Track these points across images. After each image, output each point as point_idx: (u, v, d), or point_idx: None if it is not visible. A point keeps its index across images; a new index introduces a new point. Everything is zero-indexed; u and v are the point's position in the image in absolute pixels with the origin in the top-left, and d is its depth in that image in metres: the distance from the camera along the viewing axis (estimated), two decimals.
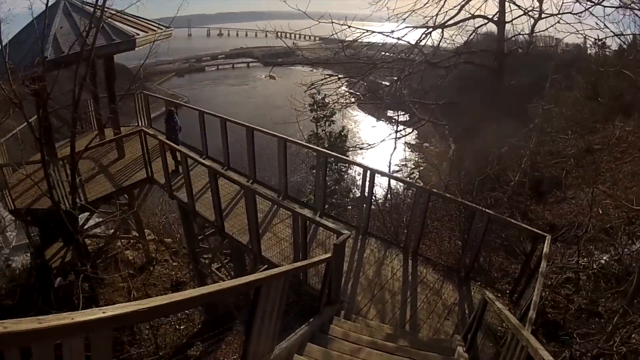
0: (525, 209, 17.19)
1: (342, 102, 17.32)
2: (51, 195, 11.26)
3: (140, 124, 18.36)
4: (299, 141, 11.99)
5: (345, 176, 22.02)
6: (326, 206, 12.79)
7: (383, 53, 17.30)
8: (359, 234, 11.24)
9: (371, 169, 10.76)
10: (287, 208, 8.73)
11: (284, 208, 8.97)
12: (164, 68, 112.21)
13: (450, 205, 15.35)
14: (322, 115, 21.73)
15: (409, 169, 35.79)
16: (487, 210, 9.50)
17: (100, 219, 15.89)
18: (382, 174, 11.55)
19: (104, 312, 2.34)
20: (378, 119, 49.44)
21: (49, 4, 12.18)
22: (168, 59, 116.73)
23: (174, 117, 14.20)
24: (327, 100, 19.15)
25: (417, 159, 44.36)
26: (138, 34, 13.54)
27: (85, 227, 14.20)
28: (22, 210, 12.52)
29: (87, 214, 14.11)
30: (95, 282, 14.01)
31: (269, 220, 11.02)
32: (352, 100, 18.43)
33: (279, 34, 17.07)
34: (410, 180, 11.39)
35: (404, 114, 28.86)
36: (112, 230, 16.75)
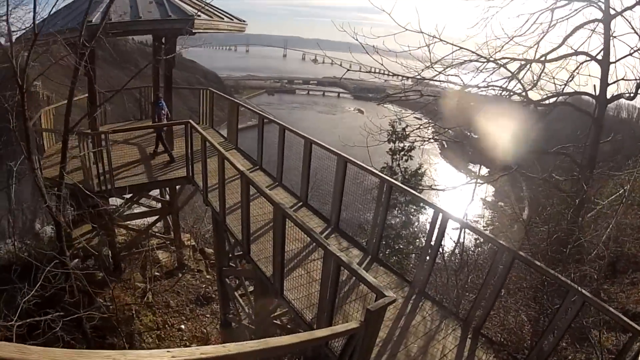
0: (597, 287, 13.90)
1: (424, 137, 14.90)
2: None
3: (202, 123, 16.93)
4: (361, 163, 9.65)
5: (415, 221, 19.34)
6: (385, 251, 10.37)
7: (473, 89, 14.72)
8: (413, 292, 8.64)
9: (444, 212, 8.15)
10: (319, 242, 6.33)
11: (315, 242, 6.55)
12: (255, 84, 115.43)
13: (526, 273, 12.41)
14: (399, 148, 19.37)
15: (481, 226, 32.38)
16: (584, 291, 6.87)
17: (139, 211, 14.95)
18: (458, 221, 8.77)
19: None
20: (458, 170, 46.50)
21: None
22: (260, 75, 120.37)
23: (160, 101, 13.50)
24: (407, 132, 17.12)
25: (490, 217, 40.83)
26: (199, 16, 11.94)
27: (117, 214, 13.20)
28: (57, 181, 11.23)
29: (121, 201, 13.57)
30: (108, 273, 12.78)
31: (306, 254, 8.86)
32: (435, 137, 15.93)
33: (372, 69, 15.23)
34: (493, 236, 8.56)
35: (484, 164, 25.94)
36: (146, 226, 15.09)
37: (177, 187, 14.08)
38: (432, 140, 15.39)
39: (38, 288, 8.41)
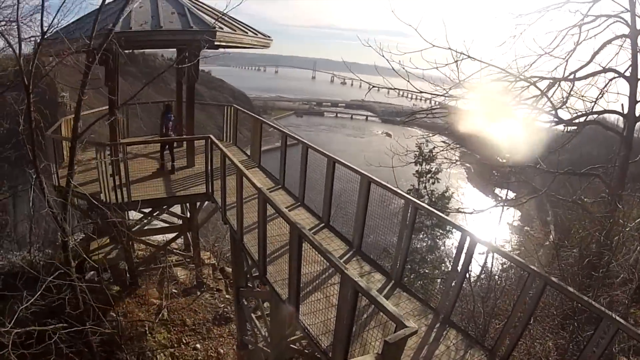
0: (624, 312, 12.94)
1: (451, 159, 14.39)
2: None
3: (226, 140, 16.75)
4: (385, 183, 9.17)
5: (441, 245, 18.57)
6: (410, 276, 9.80)
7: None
8: (437, 319, 8.00)
9: (472, 235, 7.53)
10: (336, 266, 5.84)
11: (332, 265, 6.05)
12: (284, 105, 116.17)
13: (554, 299, 11.62)
14: (426, 170, 18.82)
15: (508, 251, 31.19)
16: (618, 318, 6.25)
17: (158, 227, 14.85)
18: (486, 244, 8.10)
19: None
20: (485, 194, 45.47)
21: None
22: (289, 96, 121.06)
23: (169, 112, 13.57)
24: (434, 153, 16.64)
25: (517, 241, 39.53)
26: (222, 28, 11.72)
27: (136, 228, 13.22)
28: (64, 189, 10.99)
29: (140, 215, 13.36)
30: (124, 288, 12.99)
31: (325, 278, 8.25)
32: (461, 161, 15.43)
33: (400, 92, 14.86)
34: (523, 261, 7.85)
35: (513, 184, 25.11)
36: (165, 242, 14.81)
37: (198, 203, 13.72)
38: (458, 163, 14.91)
39: (39, 297, 8.08)
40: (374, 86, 9.64)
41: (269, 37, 13.88)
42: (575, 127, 12.91)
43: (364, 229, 9.76)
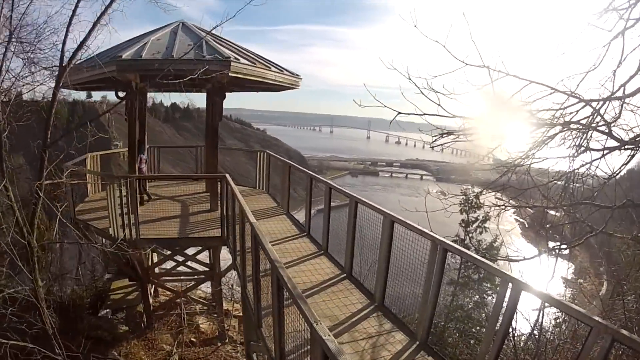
0: None
1: (500, 205, 12.47)
2: None
3: (258, 188, 15.74)
4: (410, 222, 7.61)
5: (490, 303, 15.99)
6: (445, 334, 7.99)
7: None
8: None
9: (516, 281, 5.46)
10: (306, 318, 4.25)
11: (303, 316, 4.43)
12: (339, 165, 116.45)
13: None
14: (473, 219, 16.78)
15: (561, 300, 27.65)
16: None
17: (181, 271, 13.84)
18: (538, 294, 5.82)
19: None
20: (540, 251, 41.75)
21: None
22: (344, 156, 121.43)
23: (142, 147, 13.26)
24: (481, 200, 14.86)
25: (570, 295, 35.58)
26: (238, 59, 10.94)
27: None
28: (80, 223, 10.99)
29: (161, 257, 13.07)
30: (135, 329, 12.30)
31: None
32: (512, 203, 13.48)
33: (453, 150, 13.51)
34: (585, 311, 5.72)
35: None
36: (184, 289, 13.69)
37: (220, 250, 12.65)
38: (508, 208, 12.91)
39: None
40: (399, 113, 8.17)
41: (297, 75, 12.99)
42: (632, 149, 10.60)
43: (386, 280, 8.09)
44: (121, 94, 11.53)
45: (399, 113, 8.81)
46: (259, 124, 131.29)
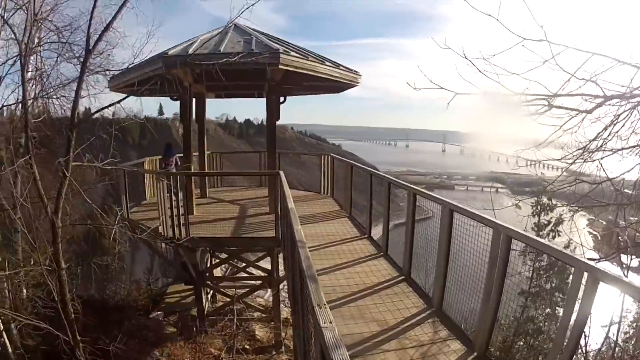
0: None
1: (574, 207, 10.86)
2: None
3: (323, 192, 15.11)
4: (472, 210, 6.57)
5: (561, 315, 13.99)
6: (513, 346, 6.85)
7: None
8: None
9: (598, 271, 4.29)
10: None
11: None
12: (415, 179, 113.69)
13: None
14: (545, 222, 14.98)
15: None
16: None
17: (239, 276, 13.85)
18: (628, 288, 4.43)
19: None
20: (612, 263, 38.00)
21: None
22: (420, 170, 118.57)
23: (170, 150, 13.02)
24: (554, 202, 13.23)
25: None
26: (287, 52, 10.32)
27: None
28: (133, 222, 10.76)
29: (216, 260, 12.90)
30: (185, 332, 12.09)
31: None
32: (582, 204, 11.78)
33: (528, 162, 12.64)
34: None
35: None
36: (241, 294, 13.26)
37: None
38: (581, 210, 11.29)
39: None
40: (457, 94, 7.12)
41: (355, 71, 12.20)
42: None
43: (445, 281, 6.99)
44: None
45: (457, 94, 7.75)
46: (334, 139, 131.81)
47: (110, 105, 7.82)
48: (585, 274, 4.10)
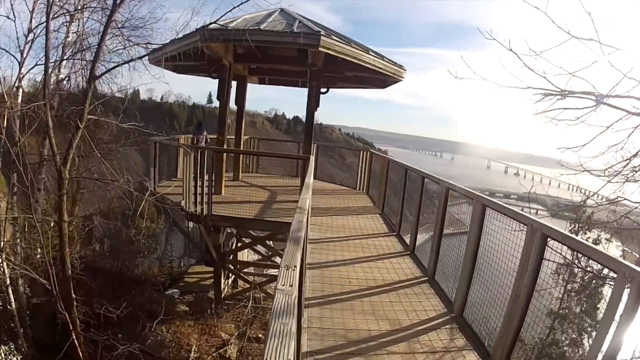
0: None
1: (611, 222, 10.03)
2: None
3: (358, 189, 14.76)
4: (505, 205, 5.96)
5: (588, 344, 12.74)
6: None
7: None
8: None
9: None
10: None
11: None
12: (457, 192, 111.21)
13: None
14: (584, 240, 14.01)
15: None
16: None
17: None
18: None
19: None
20: None
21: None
22: (463, 184, 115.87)
23: (201, 126, 13.36)
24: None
25: None
26: (330, 36, 9.90)
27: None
28: (158, 197, 10.42)
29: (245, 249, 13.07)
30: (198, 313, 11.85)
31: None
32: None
33: (570, 186, 12.25)
34: None
35: None
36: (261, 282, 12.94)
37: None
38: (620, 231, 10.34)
39: None
40: (500, 86, 6.49)
41: (400, 65, 11.64)
42: None
43: (469, 286, 6.31)
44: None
45: (500, 86, 7.09)
46: (381, 145, 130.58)
47: (124, 62, 7.63)
48: (631, 279, 3.39)
